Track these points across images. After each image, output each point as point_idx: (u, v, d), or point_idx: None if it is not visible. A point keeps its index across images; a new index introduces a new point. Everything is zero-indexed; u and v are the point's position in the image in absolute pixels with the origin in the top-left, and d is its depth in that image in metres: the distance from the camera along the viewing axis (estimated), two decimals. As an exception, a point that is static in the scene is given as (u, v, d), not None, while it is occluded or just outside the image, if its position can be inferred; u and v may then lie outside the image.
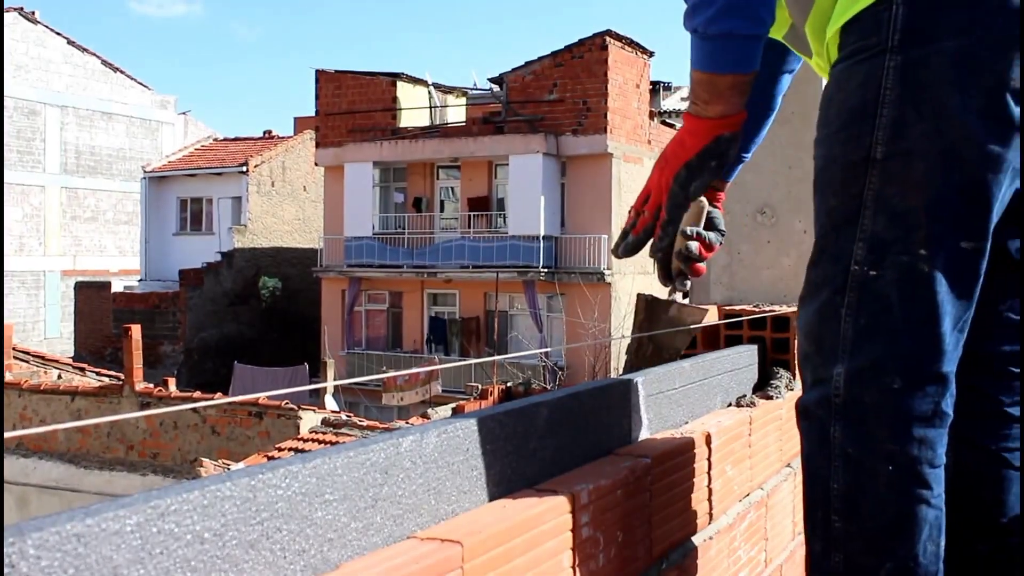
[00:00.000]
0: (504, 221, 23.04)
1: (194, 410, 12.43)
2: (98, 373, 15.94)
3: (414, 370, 1.20)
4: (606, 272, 21.79)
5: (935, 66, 1.06)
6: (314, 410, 12.56)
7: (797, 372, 1.31)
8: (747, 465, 1.77)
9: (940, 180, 1.07)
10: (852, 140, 1.12)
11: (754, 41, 1.18)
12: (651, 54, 23.39)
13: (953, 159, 1.06)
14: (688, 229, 1.28)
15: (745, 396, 1.83)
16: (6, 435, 0.66)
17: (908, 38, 1.08)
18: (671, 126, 25.23)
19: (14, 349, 15.05)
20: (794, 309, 2.32)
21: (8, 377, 13.66)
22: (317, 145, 25.57)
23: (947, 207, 1.07)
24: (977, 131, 1.05)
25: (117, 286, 29.36)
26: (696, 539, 1.46)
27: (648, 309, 2.13)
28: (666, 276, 1.33)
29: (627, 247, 1.34)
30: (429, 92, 25.68)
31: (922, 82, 1.07)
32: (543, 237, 21.95)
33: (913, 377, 1.08)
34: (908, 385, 1.08)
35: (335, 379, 19.70)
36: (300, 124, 34.21)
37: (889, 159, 1.09)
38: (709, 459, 1.53)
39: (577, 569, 1.06)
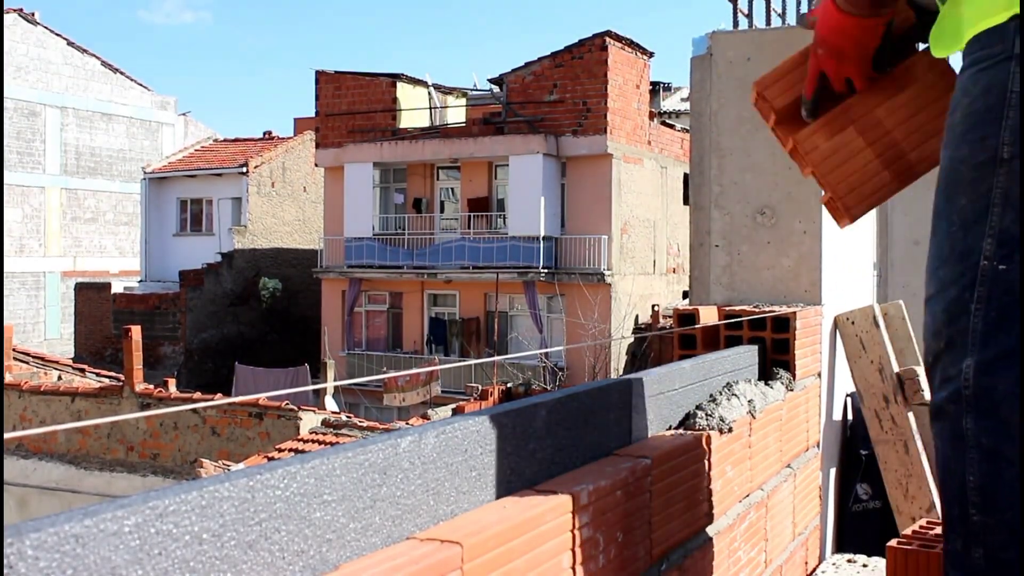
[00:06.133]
0: (504, 222, 23.04)
1: (194, 411, 12.43)
2: (98, 374, 15.94)
3: (415, 370, 1.19)
4: (606, 273, 21.78)
5: None
6: (314, 411, 12.56)
7: (924, 374, 1.32)
8: (747, 466, 1.76)
9: None
10: (979, 142, 1.15)
11: None
12: (651, 55, 23.39)
13: None
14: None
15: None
16: (6, 436, 0.66)
17: None
18: (671, 126, 25.21)
19: (14, 350, 15.05)
20: (794, 309, 2.31)
21: (8, 378, 13.66)
22: (317, 146, 25.57)
23: None
24: None
25: (117, 287, 29.35)
26: (696, 540, 1.46)
27: None
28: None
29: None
30: (429, 93, 25.68)
31: None
32: (543, 238, 21.94)
33: None
34: None
35: (335, 380, 19.70)
36: (300, 125, 34.22)
37: (1015, 159, 1.12)
38: (709, 460, 1.53)
39: (577, 570, 1.06)
